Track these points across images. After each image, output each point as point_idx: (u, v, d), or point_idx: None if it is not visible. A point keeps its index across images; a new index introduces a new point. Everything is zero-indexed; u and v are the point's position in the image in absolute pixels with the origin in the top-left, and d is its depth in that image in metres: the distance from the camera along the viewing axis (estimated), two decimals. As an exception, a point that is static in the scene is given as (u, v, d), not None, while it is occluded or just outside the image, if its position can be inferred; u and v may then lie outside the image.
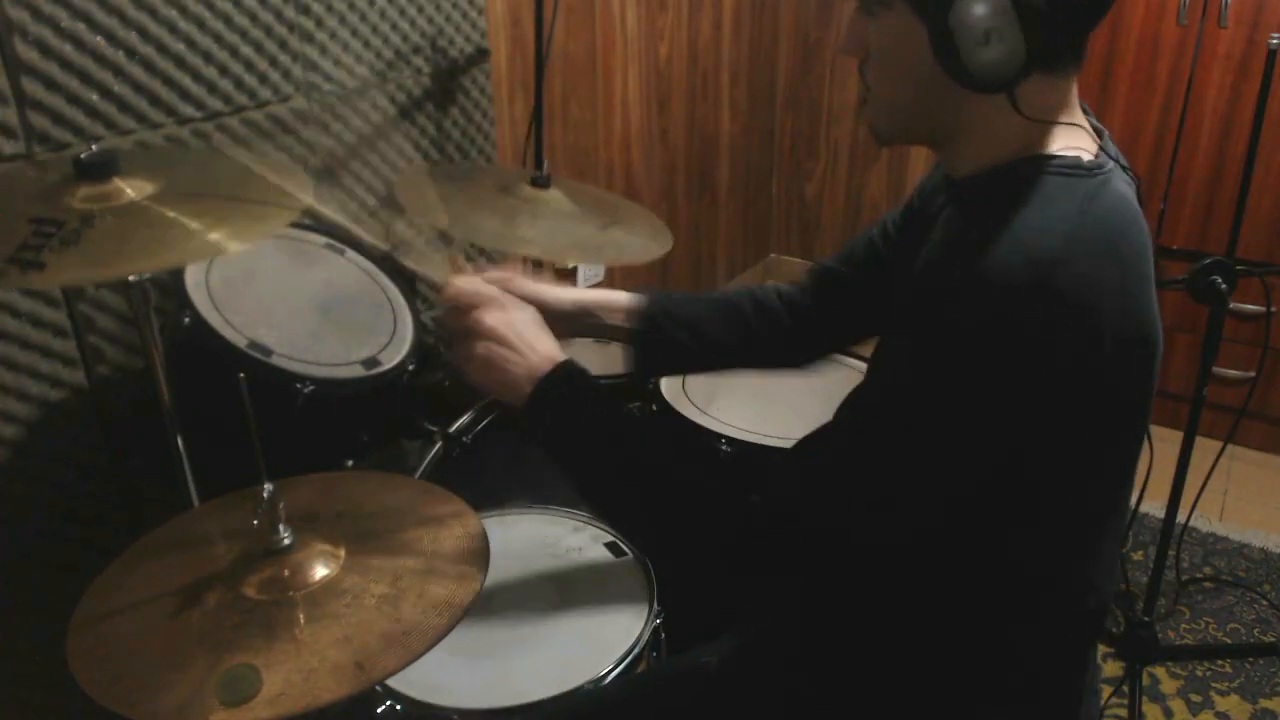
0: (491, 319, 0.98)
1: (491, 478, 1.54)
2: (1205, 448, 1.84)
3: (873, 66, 0.88)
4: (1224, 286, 1.61)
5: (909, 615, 0.93)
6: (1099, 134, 0.88)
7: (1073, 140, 0.84)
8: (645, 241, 1.63)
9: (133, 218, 1.02)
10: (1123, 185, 0.84)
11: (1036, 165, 0.82)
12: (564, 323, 1.14)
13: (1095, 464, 0.85)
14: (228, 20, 1.53)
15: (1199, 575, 2.24)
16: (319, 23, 1.68)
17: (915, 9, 0.80)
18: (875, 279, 1.16)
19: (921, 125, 0.89)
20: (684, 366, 1.44)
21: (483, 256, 2.03)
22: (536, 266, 1.97)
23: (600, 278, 2.65)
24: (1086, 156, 0.83)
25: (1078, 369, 0.76)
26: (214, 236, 1.00)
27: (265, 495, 0.95)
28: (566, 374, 0.97)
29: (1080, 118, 0.87)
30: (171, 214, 1.02)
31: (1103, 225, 0.78)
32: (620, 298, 1.20)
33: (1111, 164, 0.84)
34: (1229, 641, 2.04)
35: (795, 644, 1.05)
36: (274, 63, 1.62)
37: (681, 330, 1.20)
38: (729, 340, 1.23)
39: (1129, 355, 0.79)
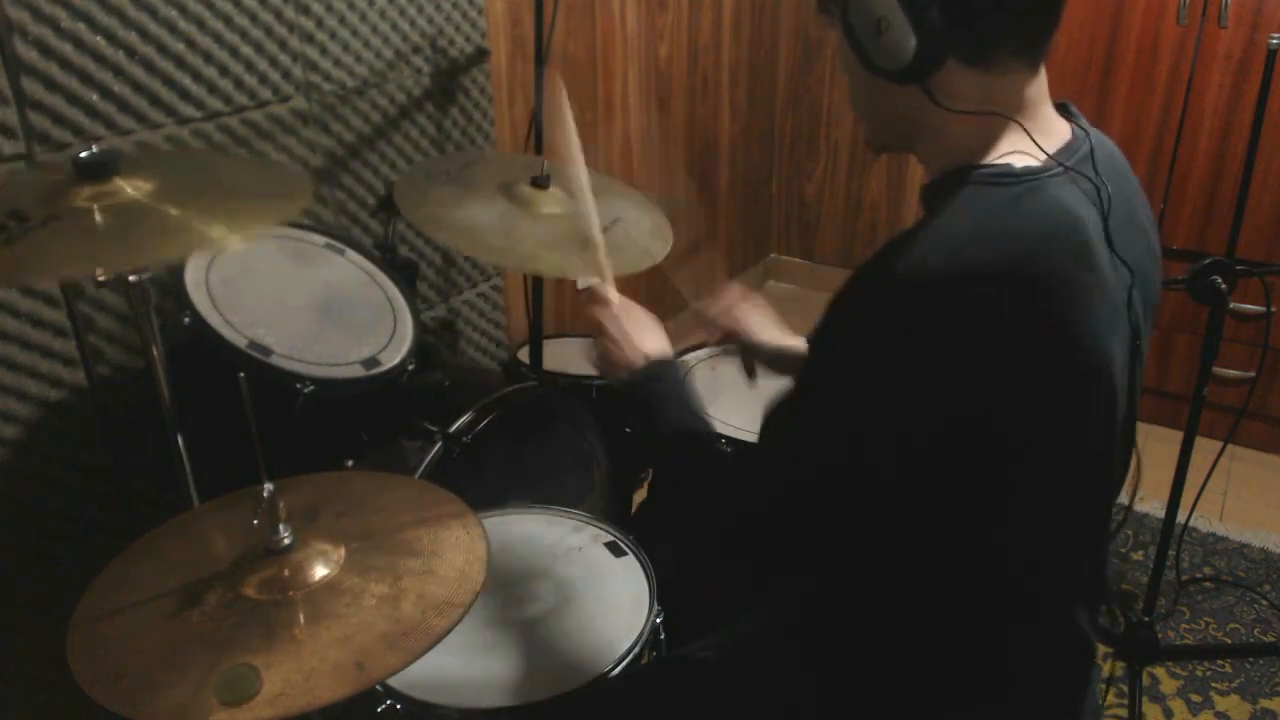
0: (610, 323, 1.13)
1: (491, 478, 1.54)
2: (1205, 448, 1.84)
3: (846, 78, 0.93)
4: (1224, 286, 1.61)
5: (904, 614, 0.93)
6: (1085, 135, 0.89)
7: (1020, 146, 0.85)
8: (646, 240, 1.63)
9: (132, 214, 1.03)
10: (1064, 193, 0.83)
11: (960, 175, 0.84)
12: (776, 364, 1.30)
13: (1036, 473, 0.84)
14: (228, 20, 1.53)
15: (1199, 575, 2.24)
16: (319, 23, 1.68)
17: (830, 15, 0.86)
18: None
19: (888, 130, 0.94)
20: None
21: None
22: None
23: (600, 278, 2.64)
24: (1023, 162, 0.84)
25: (971, 366, 0.78)
26: (214, 232, 1.01)
27: (265, 495, 0.95)
28: (653, 372, 1.09)
29: (1042, 120, 0.87)
30: (174, 211, 1.03)
31: (1012, 234, 0.79)
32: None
33: (1057, 169, 0.84)
34: (1229, 641, 2.04)
35: (793, 640, 1.05)
36: (274, 63, 1.62)
37: None
38: None
39: (1035, 363, 0.79)
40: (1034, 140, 0.85)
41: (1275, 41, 1.63)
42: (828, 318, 0.86)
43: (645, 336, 1.12)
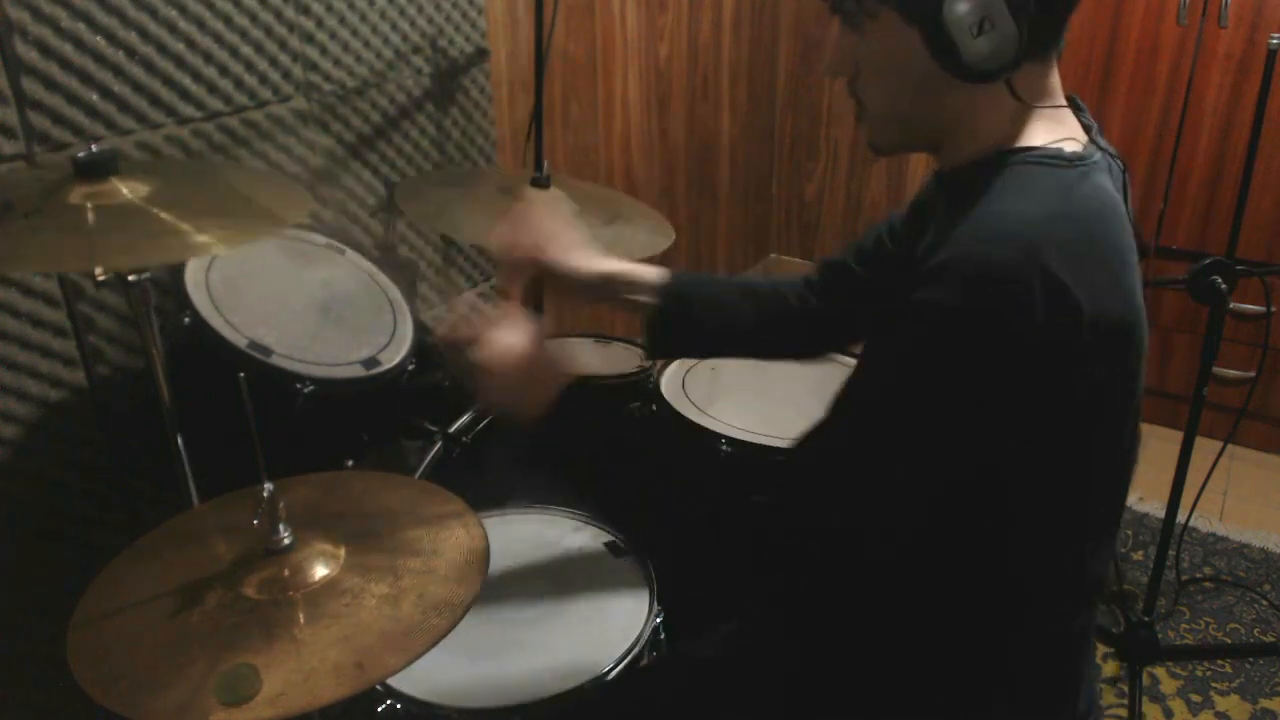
0: (485, 356, 0.99)
1: (491, 478, 1.54)
2: (1205, 448, 1.84)
3: (865, 82, 0.88)
4: (1224, 286, 1.61)
5: (907, 617, 0.93)
6: (1088, 129, 0.89)
7: (1060, 131, 0.86)
8: (647, 236, 1.63)
9: (123, 215, 1.03)
10: (1105, 179, 0.84)
11: (1018, 156, 0.84)
12: (588, 292, 1.16)
13: (1079, 463, 0.84)
14: (228, 20, 1.53)
15: (1199, 575, 2.24)
16: (319, 23, 1.68)
17: (905, 13, 0.81)
18: (882, 275, 1.16)
19: (919, 131, 0.90)
20: (698, 347, 1.42)
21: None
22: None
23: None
24: (1071, 148, 0.84)
25: (1057, 353, 0.76)
26: (203, 238, 1.01)
27: (265, 495, 0.95)
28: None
29: (1065, 103, 0.88)
30: (165, 215, 1.03)
31: (1080, 216, 0.79)
32: (646, 272, 1.18)
33: (1099, 156, 0.85)
34: (1229, 641, 2.04)
35: (793, 640, 1.05)
36: (274, 63, 1.62)
37: (700, 309, 1.20)
38: (744, 324, 1.23)
39: (1107, 344, 0.78)
40: (1080, 127, 0.86)
41: (1275, 41, 1.63)
42: (890, 332, 0.82)
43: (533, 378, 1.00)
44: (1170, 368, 2.73)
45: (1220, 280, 1.61)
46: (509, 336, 0.99)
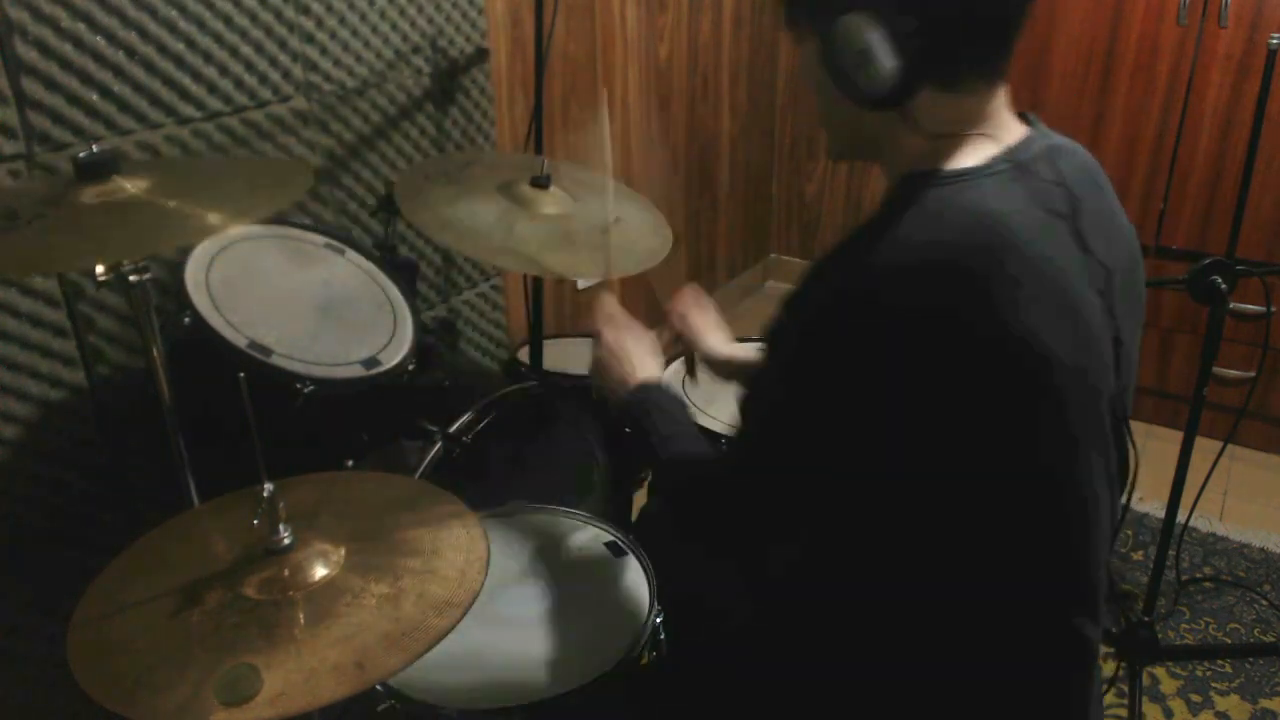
0: (610, 336, 1.21)
1: (491, 478, 1.54)
2: (1205, 448, 1.84)
3: (809, 92, 0.96)
4: (1224, 286, 1.61)
5: (890, 613, 0.93)
6: (1030, 139, 0.90)
7: (971, 155, 0.87)
8: (647, 241, 1.63)
9: (129, 209, 1.04)
10: (991, 190, 0.85)
11: (917, 181, 0.87)
12: (721, 370, 1.38)
13: (982, 472, 0.84)
14: (228, 20, 1.53)
15: (1199, 575, 2.24)
16: (319, 23, 1.68)
17: (818, 38, 0.86)
18: None
19: (850, 145, 0.98)
20: None
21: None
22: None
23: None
24: (957, 165, 0.86)
25: (927, 368, 0.80)
26: (213, 218, 1.03)
27: (265, 495, 0.95)
28: (646, 393, 1.15)
29: (1000, 130, 0.89)
30: (171, 203, 1.03)
31: (931, 242, 0.81)
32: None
33: (997, 168, 0.86)
34: (1229, 641, 2.04)
35: (789, 643, 1.05)
36: (274, 63, 1.62)
37: None
38: None
39: (994, 355, 0.80)
40: (1003, 144, 0.89)
41: (1275, 41, 1.63)
42: (778, 317, 0.89)
43: (641, 357, 1.19)
44: (1170, 368, 2.73)
45: (1220, 280, 1.61)
46: (639, 333, 1.23)
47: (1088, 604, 0.92)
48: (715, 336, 1.39)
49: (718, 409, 1.67)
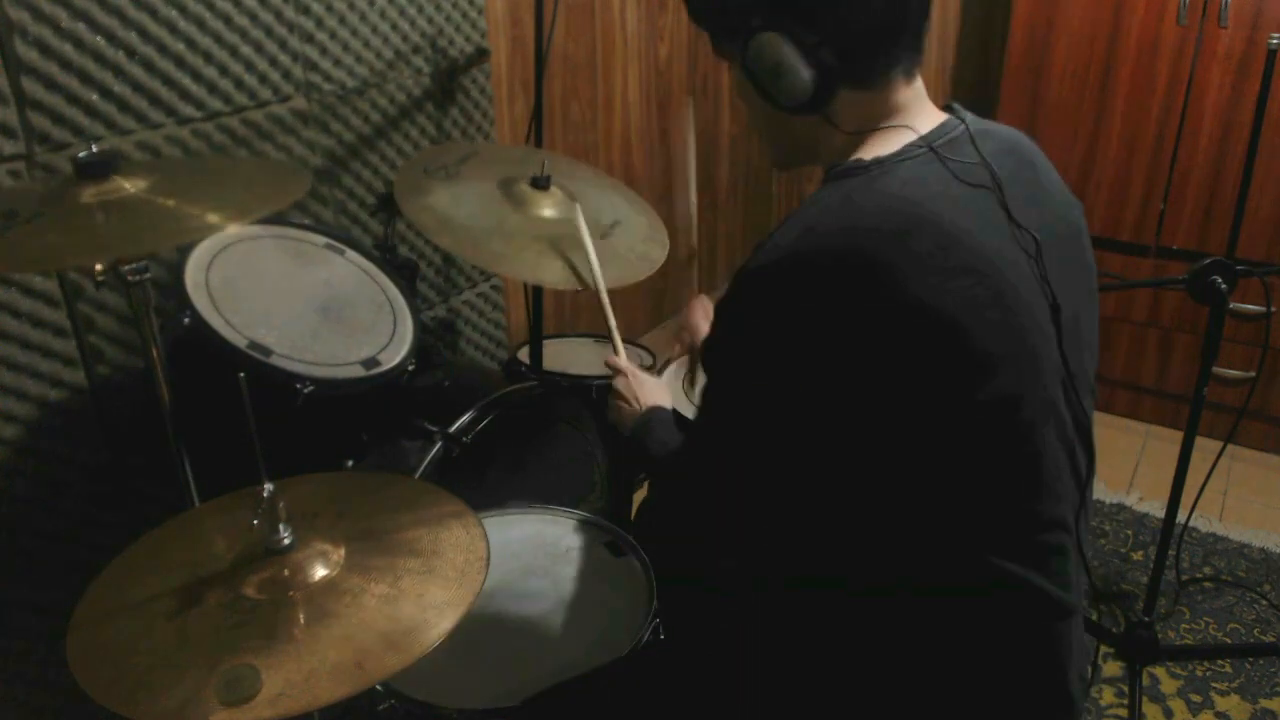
0: (621, 384, 1.30)
1: (491, 478, 1.54)
2: (1205, 448, 1.84)
3: (746, 107, 1.02)
4: (1224, 286, 1.61)
5: (875, 613, 0.94)
6: (948, 125, 0.95)
7: (895, 141, 0.94)
8: (644, 245, 1.64)
9: (129, 208, 1.04)
10: (905, 174, 0.90)
11: (831, 173, 0.95)
12: None
13: (929, 451, 0.88)
14: (228, 20, 1.53)
15: (1199, 575, 2.24)
16: (319, 23, 1.68)
17: (739, 58, 0.94)
18: None
19: (789, 150, 1.04)
20: None
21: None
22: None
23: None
24: (874, 154, 0.92)
25: (841, 342, 0.85)
26: (213, 218, 1.03)
27: (265, 495, 0.96)
28: (650, 414, 1.24)
29: (919, 119, 0.95)
30: (170, 202, 1.03)
31: (839, 227, 0.87)
32: None
33: (913, 154, 0.92)
34: (1229, 641, 2.04)
35: (772, 634, 1.05)
36: (274, 63, 1.62)
37: None
38: None
39: (881, 337, 0.84)
40: (918, 132, 0.94)
41: (1275, 41, 1.63)
42: (721, 298, 0.94)
43: (649, 394, 1.27)
44: (1170, 368, 2.73)
45: (1220, 280, 1.61)
46: (646, 377, 1.30)
47: (1049, 564, 0.93)
48: None
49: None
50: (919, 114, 0.96)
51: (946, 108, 1.00)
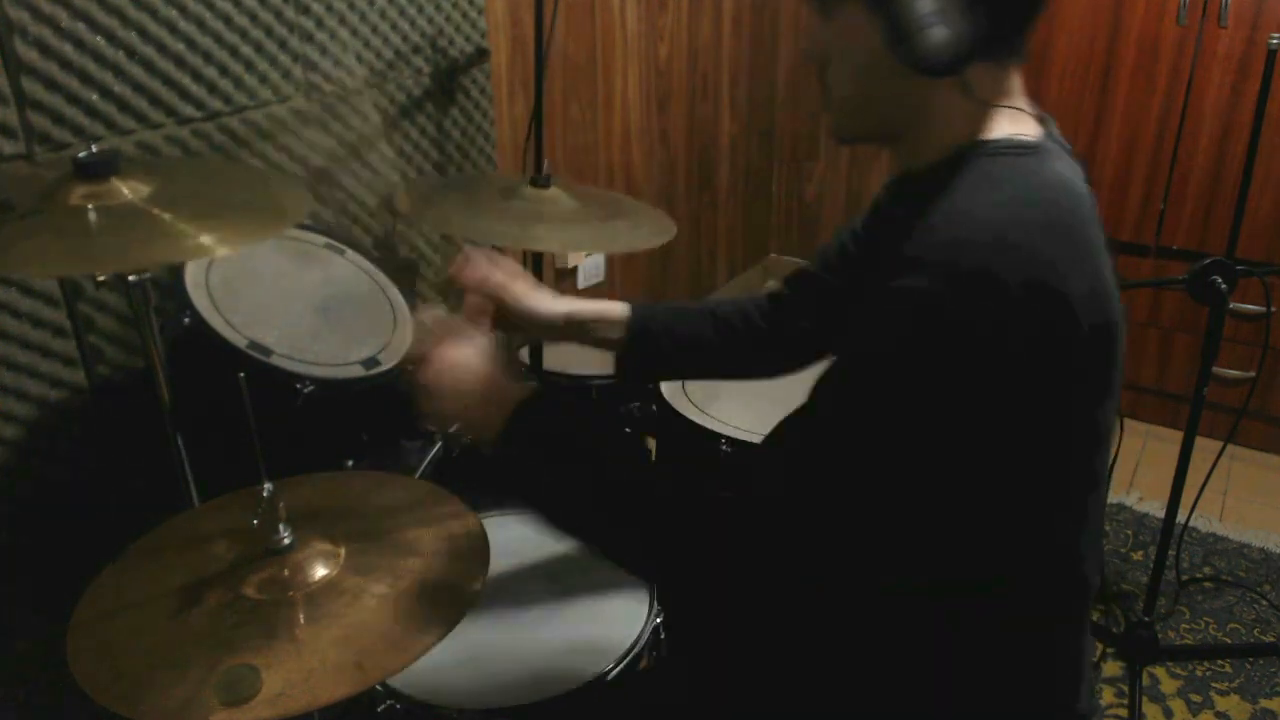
0: (430, 377, 0.99)
1: (492, 478, 1.54)
2: (1205, 448, 1.84)
3: (833, 69, 0.91)
4: (1224, 286, 1.61)
5: (884, 612, 0.93)
6: (1043, 121, 0.91)
7: (1017, 125, 0.88)
8: (647, 230, 1.63)
9: (124, 216, 1.03)
10: (1064, 166, 0.86)
11: (978, 149, 0.85)
12: (550, 332, 1.21)
13: (1059, 448, 0.84)
14: (228, 20, 1.53)
15: (1199, 575, 2.24)
16: (319, 23, 1.68)
17: (866, 3, 0.83)
18: (849, 278, 1.16)
19: (880, 121, 0.92)
20: (668, 377, 1.62)
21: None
22: (536, 268, 1.97)
23: (600, 278, 2.65)
24: (1027, 137, 0.86)
25: (1036, 334, 0.76)
26: (204, 240, 1.01)
27: (265, 495, 0.96)
28: (522, 422, 0.97)
29: (1025, 105, 0.90)
30: (166, 215, 1.03)
31: (1047, 199, 0.81)
32: (608, 310, 1.22)
33: (1054, 146, 0.87)
34: (1229, 641, 2.04)
35: (788, 642, 1.05)
36: (274, 63, 1.62)
37: (666, 341, 1.24)
38: (710, 350, 1.26)
39: (1084, 322, 0.78)
40: (1035, 122, 0.88)
41: (1275, 41, 1.63)
42: (858, 329, 0.82)
43: (493, 393, 0.97)
44: (1170, 368, 2.73)
45: (1220, 280, 1.61)
46: (460, 354, 0.99)
47: (1097, 559, 0.93)
48: (538, 296, 1.18)
49: (718, 408, 1.67)
50: (1021, 101, 0.89)
51: None
